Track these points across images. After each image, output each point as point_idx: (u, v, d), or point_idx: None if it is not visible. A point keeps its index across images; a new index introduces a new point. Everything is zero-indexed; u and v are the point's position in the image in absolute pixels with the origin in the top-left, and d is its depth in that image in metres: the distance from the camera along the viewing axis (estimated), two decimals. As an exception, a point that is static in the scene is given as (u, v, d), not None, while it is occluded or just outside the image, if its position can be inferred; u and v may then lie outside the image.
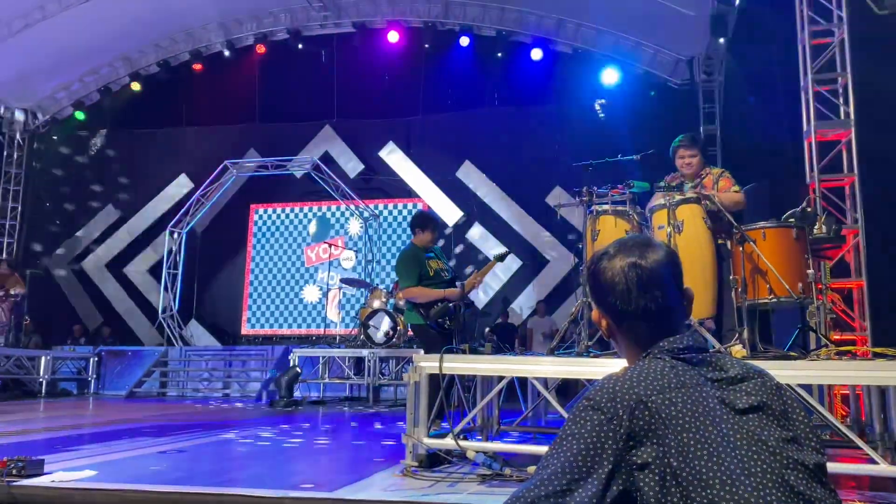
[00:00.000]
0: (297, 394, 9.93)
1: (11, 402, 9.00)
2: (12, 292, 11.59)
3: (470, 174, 14.05)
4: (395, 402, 10.22)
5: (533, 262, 13.49)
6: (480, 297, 13.59)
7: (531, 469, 3.69)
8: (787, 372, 3.25)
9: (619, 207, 4.56)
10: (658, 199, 4.56)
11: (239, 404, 10.16)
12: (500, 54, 14.12)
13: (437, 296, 5.35)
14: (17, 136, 16.16)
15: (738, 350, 3.77)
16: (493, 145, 13.87)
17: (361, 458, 4.71)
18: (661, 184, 4.67)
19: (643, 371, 1.31)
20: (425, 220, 5.62)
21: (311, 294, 14.47)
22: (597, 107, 6.23)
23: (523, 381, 5.67)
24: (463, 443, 3.88)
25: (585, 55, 13.67)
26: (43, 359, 11.80)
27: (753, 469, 1.18)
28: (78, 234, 15.72)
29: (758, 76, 10.09)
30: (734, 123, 12.01)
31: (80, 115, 16.20)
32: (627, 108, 12.70)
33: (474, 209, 13.89)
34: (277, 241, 14.92)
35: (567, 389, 8.78)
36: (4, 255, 14.91)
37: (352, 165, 14.73)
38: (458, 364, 4.06)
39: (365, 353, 9.89)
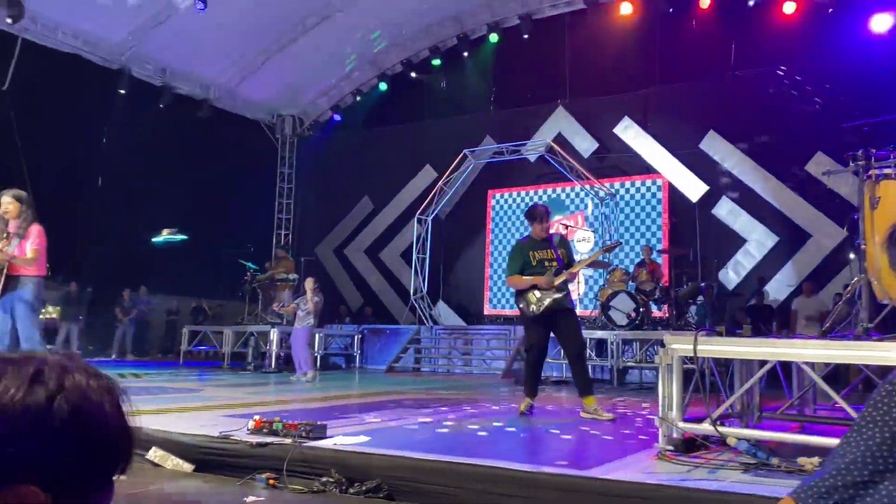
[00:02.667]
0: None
1: (291, 374, 10.27)
2: (277, 277, 13.15)
3: (715, 145, 13.16)
4: (640, 385, 9.99)
5: (791, 238, 12.29)
6: (731, 277, 12.73)
7: (802, 460, 3.41)
8: None
9: (904, 171, 3.98)
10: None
11: (484, 381, 10.60)
12: (746, 12, 12.99)
13: (528, 284, 5.74)
14: (288, 140, 18.36)
15: None
16: (740, 112, 12.82)
17: (611, 440, 4.68)
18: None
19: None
20: (531, 215, 5.99)
21: (549, 275, 14.60)
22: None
23: (786, 367, 5.22)
24: (722, 429, 3.68)
25: (848, 2, 12.07)
26: (317, 336, 13.32)
27: None
28: (340, 224, 17.47)
29: None
30: None
31: (337, 118, 17.99)
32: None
33: (722, 182, 13.01)
34: (514, 225, 15.26)
35: (837, 377, 7.93)
36: (283, 243, 17.11)
37: (585, 145, 14.56)
38: (715, 346, 3.85)
39: (607, 334, 9.76)
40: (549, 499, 3.05)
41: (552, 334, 5.91)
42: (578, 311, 13.24)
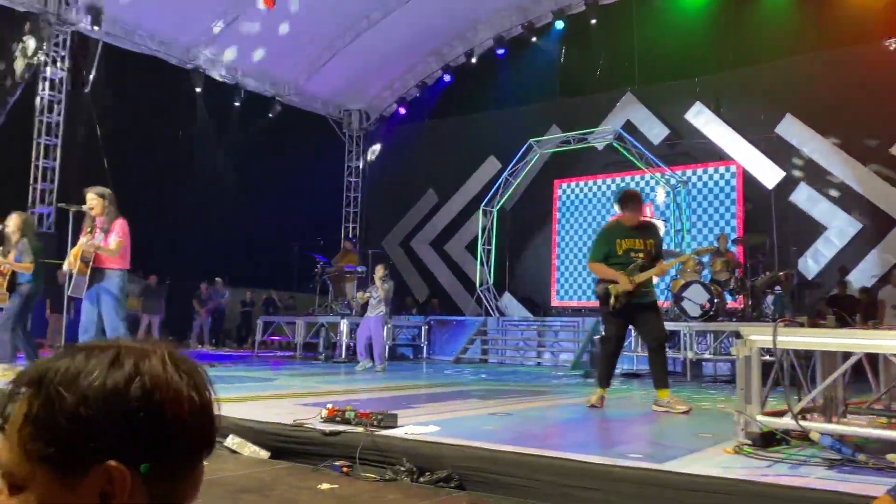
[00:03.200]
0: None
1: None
2: (346, 269, 13.35)
3: (792, 129, 12.63)
4: (714, 378, 9.72)
5: (875, 224, 11.71)
6: (810, 266, 12.23)
7: (892, 457, 3.24)
8: None
9: None
10: None
11: (553, 372, 10.53)
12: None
13: (609, 276, 5.45)
14: (355, 135, 18.61)
15: None
16: (820, 94, 12.27)
17: (685, 432, 4.57)
18: None
19: None
20: (623, 199, 5.63)
21: (618, 266, 14.35)
22: None
23: (872, 359, 4.98)
24: (805, 423, 3.54)
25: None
26: (384, 327, 13.47)
27: None
28: (406, 216, 17.62)
29: None
30: None
31: (402, 111, 18.12)
32: None
33: (800, 168, 12.49)
34: (581, 215, 15.05)
35: (928, 370, 7.52)
36: (350, 236, 17.40)
37: (656, 132, 14.21)
38: (797, 338, 3.70)
39: (680, 326, 9.53)
40: (624, 492, 3.00)
41: (630, 326, 5.77)
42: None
